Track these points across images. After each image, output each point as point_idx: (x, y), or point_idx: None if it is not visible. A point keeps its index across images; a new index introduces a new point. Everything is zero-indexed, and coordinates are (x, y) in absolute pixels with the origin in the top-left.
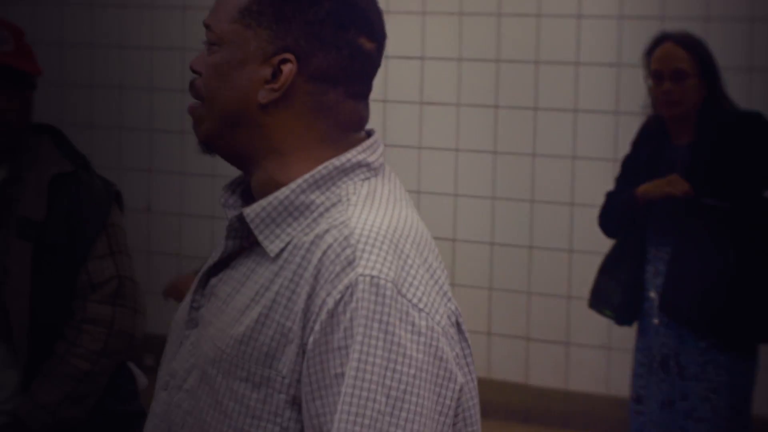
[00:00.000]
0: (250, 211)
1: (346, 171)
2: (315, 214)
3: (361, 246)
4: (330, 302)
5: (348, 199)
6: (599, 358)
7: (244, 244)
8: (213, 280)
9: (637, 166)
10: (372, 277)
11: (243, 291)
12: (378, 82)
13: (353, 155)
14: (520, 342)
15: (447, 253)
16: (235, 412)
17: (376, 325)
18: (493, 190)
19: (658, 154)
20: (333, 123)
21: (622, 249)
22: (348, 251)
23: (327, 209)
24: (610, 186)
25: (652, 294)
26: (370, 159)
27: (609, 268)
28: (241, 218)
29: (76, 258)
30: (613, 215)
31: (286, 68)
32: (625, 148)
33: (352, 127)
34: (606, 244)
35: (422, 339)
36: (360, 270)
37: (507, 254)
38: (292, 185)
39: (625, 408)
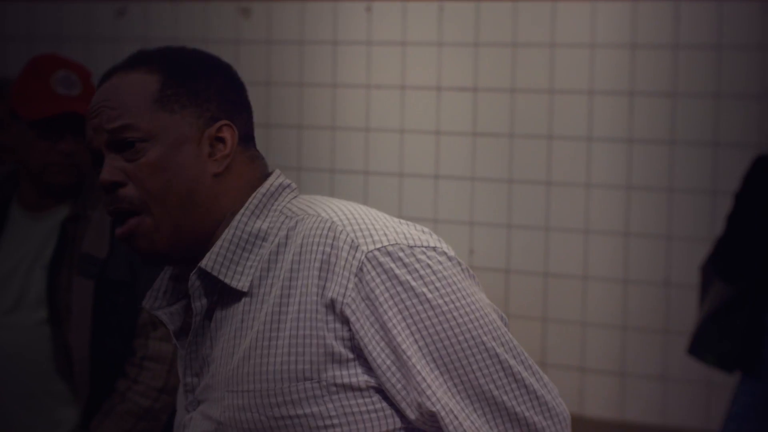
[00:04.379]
0: (208, 261)
1: (274, 195)
2: (268, 237)
3: (349, 229)
4: (360, 290)
5: (293, 212)
6: (655, 388)
7: (204, 302)
8: (195, 354)
9: (758, 204)
10: (380, 248)
11: (241, 335)
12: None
13: (273, 180)
14: (575, 373)
15: None
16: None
17: (413, 283)
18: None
19: None
20: (258, 171)
21: (737, 293)
22: (343, 237)
23: (276, 229)
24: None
25: None
26: (288, 181)
27: (719, 313)
28: (200, 274)
29: (138, 296)
30: (744, 260)
31: (227, 133)
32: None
33: (264, 169)
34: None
35: (453, 264)
36: (365, 248)
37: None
38: (234, 223)
39: None
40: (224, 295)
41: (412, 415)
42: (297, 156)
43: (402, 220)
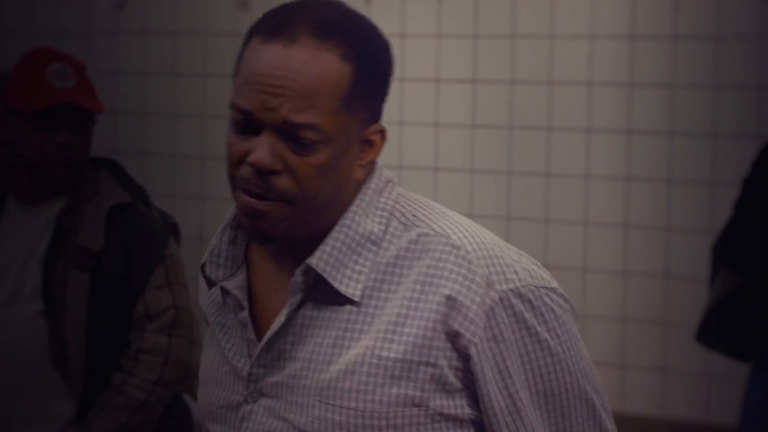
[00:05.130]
0: (318, 261)
1: (381, 191)
2: (381, 243)
3: (483, 263)
4: (489, 330)
5: (408, 219)
6: (655, 380)
7: (299, 297)
8: (273, 345)
9: (767, 191)
10: (513, 289)
11: (342, 345)
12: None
13: (380, 174)
14: None
15: None
16: None
17: (539, 329)
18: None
19: None
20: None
21: (746, 282)
22: (479, 273)
23: (391, 235)
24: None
25: None
26: (390, 174)
27: (728, 301)
28: (306, 271)
29: (134, 288)
30: (758, 247)
31: (378, 138)
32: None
33: None
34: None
35: (568, 307)
36: (499, 287)
37: None
38: (346, 221)
39: (681, 430)
40: (325, 295)
41: None
42: None
43: (515, 248)
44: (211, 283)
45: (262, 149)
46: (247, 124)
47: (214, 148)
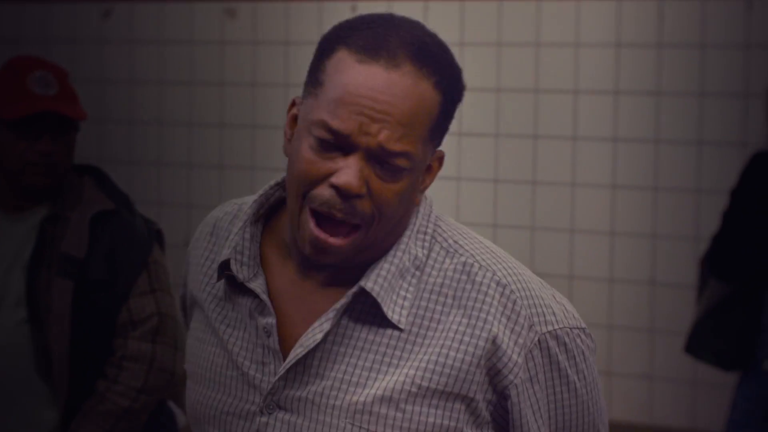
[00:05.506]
0: (374, 285)
1: (427, 215)
2: (424, 269)
3: (526, 303)
4: (526, 371)
5: (450, 246)
6: (641, 387)
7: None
8: (300, 359)
9: (755, 201)
10: (551, 332)
11: (379, 369)
12: None
13: (425, 197)
14: None
15: None
16: None
17: (569, 371)
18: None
19: None
20: None
21: (734, 292)
22: (523, 314)
23: (433, 261)
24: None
25: None
26: (430, 199)
27: (716, 312)
28: (358, 294)
29: (117, 295)
30: (746, 257)
31: (437, 164)
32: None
33: None
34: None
35: (594, 348)
36: (539, 329)
37: None
38: (402, 246)
39: None
40: (367, 316)
41: None
42: (282, 157)
43: (546, 284)
44: (220, 277)
45: (353, 172)
46: (335, 145)
47: (201, 156)
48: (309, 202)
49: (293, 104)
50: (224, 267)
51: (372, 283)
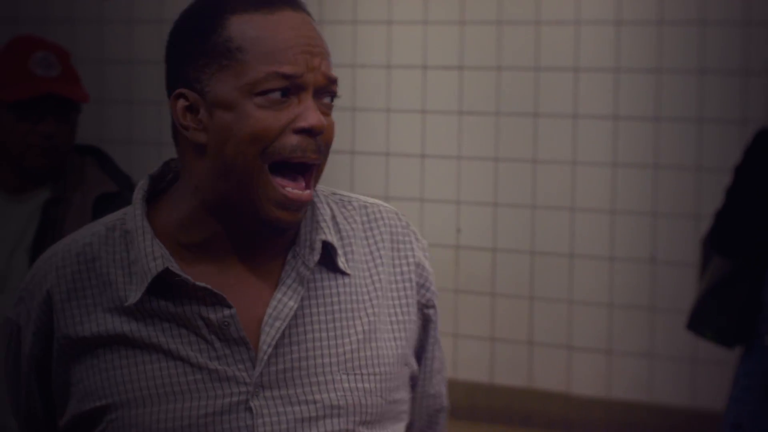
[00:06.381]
0: (333, 237)
1: None
2: (333, 217)
3: (410, 224)
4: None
5: (343, 194)
6: (641, 365)
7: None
8: (274, 333)
9: (759, 178)
10: (424, 245)
11: (347, 317)
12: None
13: None
14: (562, 351)
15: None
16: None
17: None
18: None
19: None
20: None
21: (736, 269)
22: (414, 231)
23: (329, 208)
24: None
25: None
26: None
27: (718, 288)
28: (310, 251)
29: None
30: (744, 235)
31: None
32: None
33: None
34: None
35: None
36: (423, 243)
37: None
38: (323, 198)
39: (669, 416)
40: (318, 272)
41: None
42: None
43: None
44: (156, 290)
45: (313, 110)
46: (286, 92)
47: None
48: (270, 158)
49: (178, 97)
50: (163, 280)
51: (328, 234)
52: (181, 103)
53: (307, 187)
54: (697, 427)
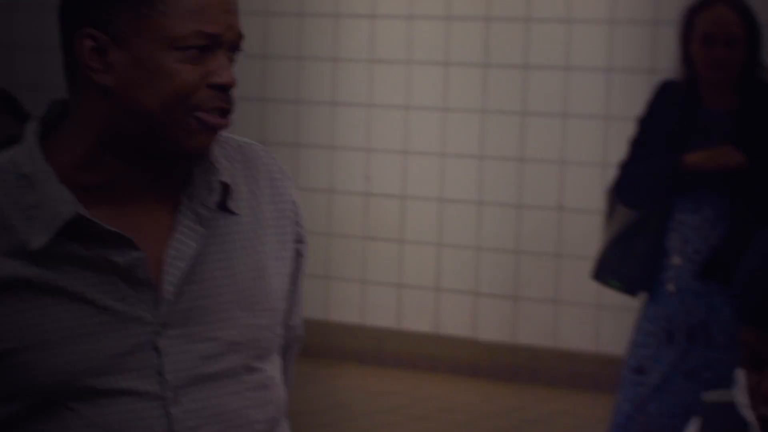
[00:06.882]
0: (228, 178)
1: None
2: (214, 159)
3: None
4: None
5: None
6: (547, 311)
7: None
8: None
9: (664, 130)
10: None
11: (240, 255)
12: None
13: None
14: (469, 297)
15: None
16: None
17: None
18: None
19: (690, 118)
20: None
21: (640, 218)
22: (278, 163)
23: (223, 149)
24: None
25: (676, 261)
26: None
27: (622, 238)
28: (210, 190)
29: None
30: (647, 185)
31: None
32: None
33: None
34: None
35: None
36: (291, 177)
37: (457, 210)
38: (221, 141)
39: (574, 361)
40: (213, 212)
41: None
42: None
43: None
44: (71, 233)
45: (227, 68)
46: (206, 48)
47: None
48: (191, 111)
49: (85, 36)
50: (71, 224)
51: (225, 176)
52: (88, 43)
53: (227, 122)
54: (601, 371)
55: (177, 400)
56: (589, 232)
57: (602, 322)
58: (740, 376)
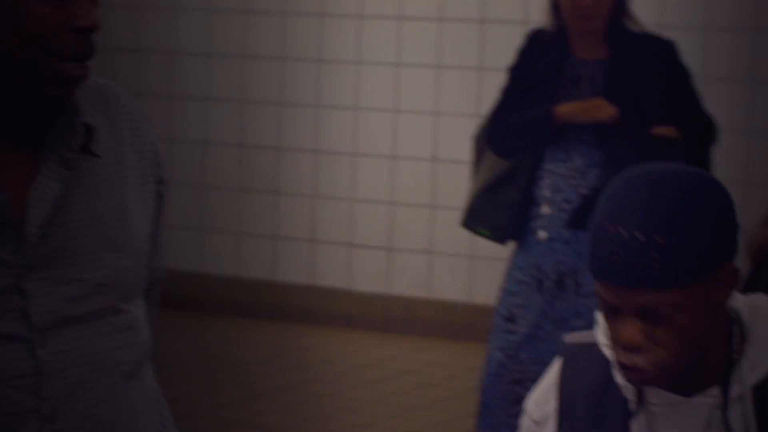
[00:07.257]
0: (92, 119)
1: None
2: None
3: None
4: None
5: None
6: (420, 262)
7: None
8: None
9: (533, 79)
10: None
11: (103, 196)
12: None
13: None
14: (344, 248)
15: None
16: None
17: None
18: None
19: (558, 67)
20: None
21: (510, 167)
22: (138, 104)
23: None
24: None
25: (546, 210)
26: None
27: (492, 186)
28: (77, 131)
29: None
30: (518, 136)
31: None
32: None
33: None
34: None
35: None
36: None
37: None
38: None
39: (448, 311)
40: (74, 153)
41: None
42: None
43: None
44: None
45: (91, 11)
46: None
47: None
48: (51, 57)
49: None
50: None
51: (88, 117)
52: None
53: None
54: (474, 320)
55: (43, 342)
56: (462, 183)
57: (475, 272)
58: (600, 317)
